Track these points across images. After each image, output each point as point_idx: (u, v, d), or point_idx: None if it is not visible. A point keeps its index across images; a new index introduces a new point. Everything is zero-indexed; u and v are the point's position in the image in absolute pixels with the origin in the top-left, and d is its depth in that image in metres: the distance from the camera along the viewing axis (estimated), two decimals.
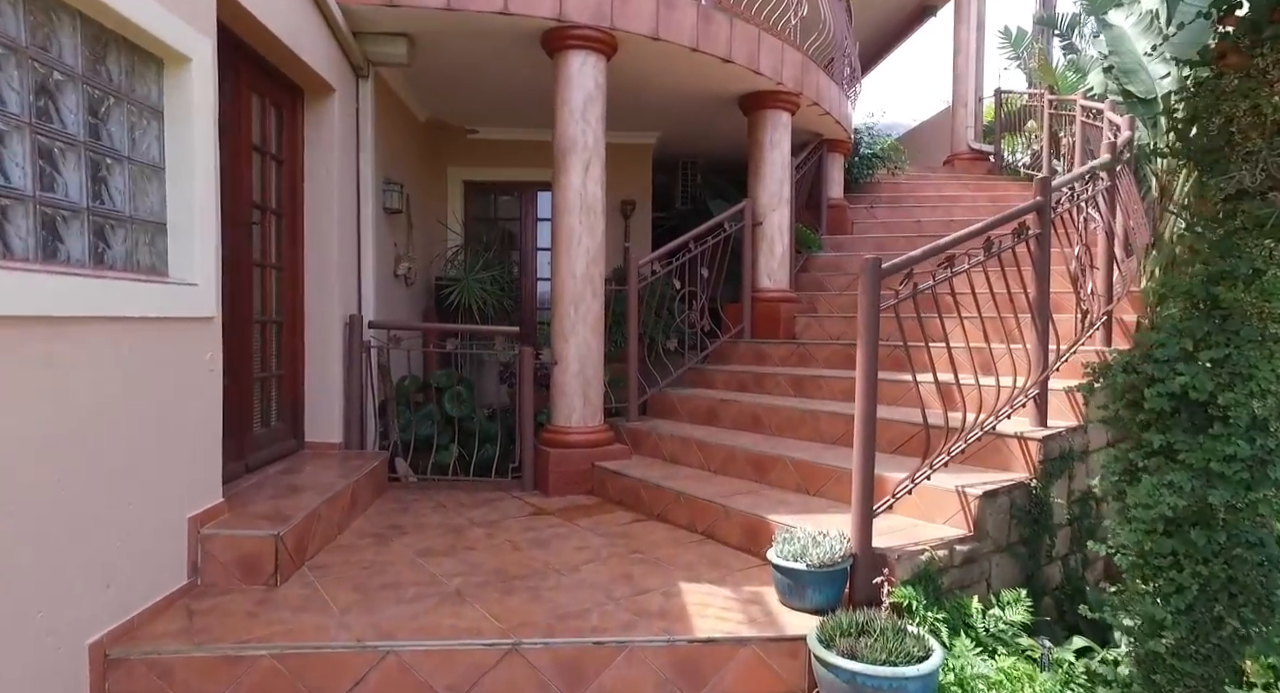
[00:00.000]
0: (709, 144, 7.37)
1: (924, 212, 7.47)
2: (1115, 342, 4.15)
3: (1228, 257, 2.14)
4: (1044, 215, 3.52)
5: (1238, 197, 2.17)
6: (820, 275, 6.34)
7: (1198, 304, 2.21)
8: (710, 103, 5.86)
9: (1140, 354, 2.27)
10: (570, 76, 4.39)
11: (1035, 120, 8.40)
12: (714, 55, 4.79)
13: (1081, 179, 3.92)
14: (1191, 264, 2.25)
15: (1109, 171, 4.11)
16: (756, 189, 5.72)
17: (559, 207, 4.47)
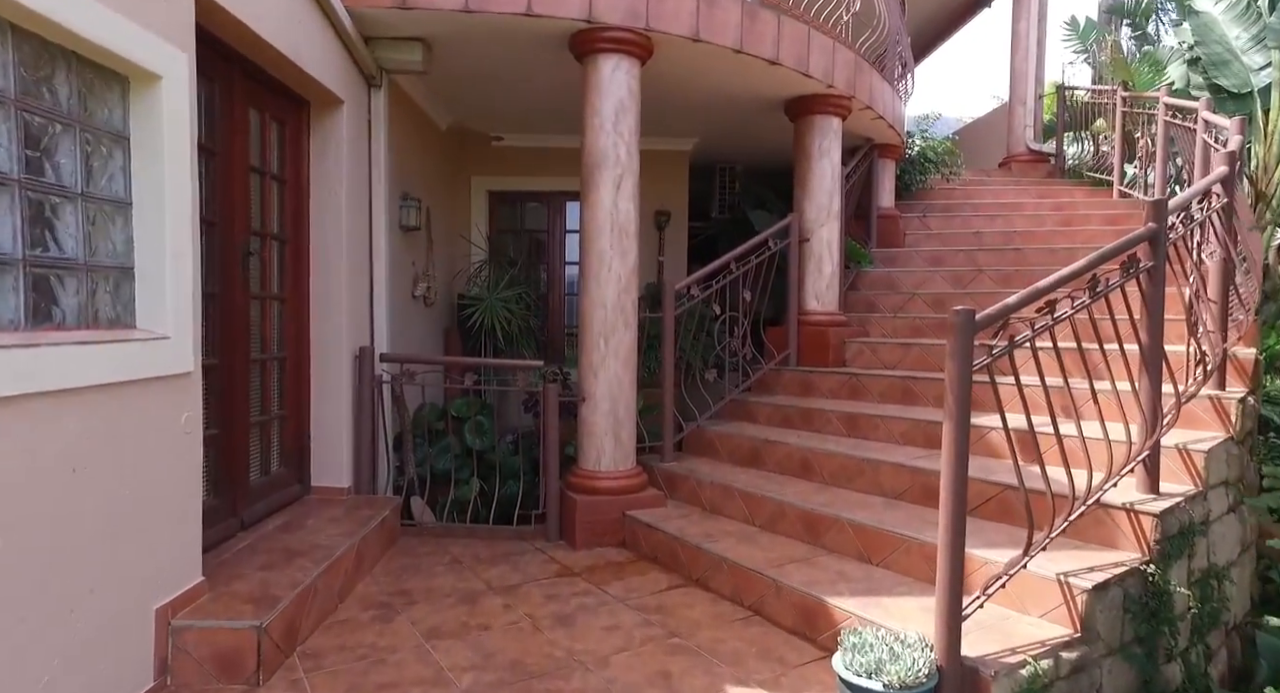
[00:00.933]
0: (749, 149, 6.88)
1: (981, 221, 6.89)
2: (1230, 383, 3.59)
3: None
4: (1159, 245, 2.99)
5: None
6: (871, 294, 5.82)
7: None
8: (752, 107, 5.38)
9: None
10: (600, 83, 3.95)
11: (1105, 119, 7.73)
12: (760, 57, 4.32)
13: (1199, 197, 3.36)
14: None
15: (1226, 186, 3.54)
16: (803, 202, 5.23)
17: (588, 228, 4.05)
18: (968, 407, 2.28)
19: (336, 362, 3.91)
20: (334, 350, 3.91)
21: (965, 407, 2.27)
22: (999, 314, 2.44)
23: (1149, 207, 3.02)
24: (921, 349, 4.84)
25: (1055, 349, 2.68)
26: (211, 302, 3.00)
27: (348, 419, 3.96)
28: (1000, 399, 2.48)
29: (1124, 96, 7.16)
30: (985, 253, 6.11)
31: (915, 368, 4.80)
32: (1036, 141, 8.87)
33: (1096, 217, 6.67)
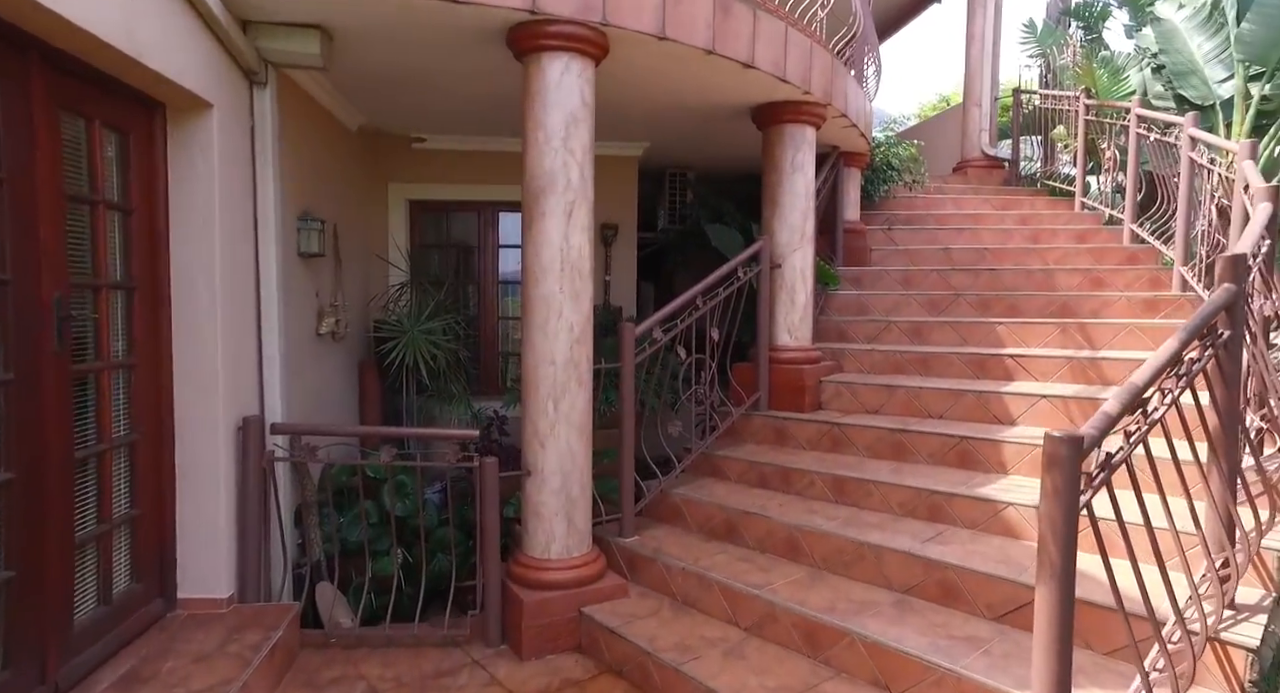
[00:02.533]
0: (704, 154, 6.23)
1: (948, 236, 6.45)
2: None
3: None
4: (1236, 311, 2.48)
5: None
6: (842, 321, 5.28)
7: None
8: (716, 112, 4.72)
9: None
10: (547, 90, 3.20)
11: (1065, 126, 7.44)
12: (734, 59, 3.65)
13: (1259, 242, 2.89)
14: None
15: (1273, 229, 3.10)
16: (774, 223, 4.62)
17: (532, 266, 3.31)
18: (1073, 566, 1.69)
19: (210, 439, 3.06)
20: (206, 425, 3.05)
21: (1070, 565, 1.68)
22: (1102, 430, 1.85)
23: (1224, 262, 2.51)
24: (907, 392, 4.32)
25: (1149, 458, 2.11)
26: (6, 389, 2.14)
27: (227, 510, 3.12)
28: (1100, 537, 1.89)
29: (1087, 104, 6.86)
30: (959, 273, 5.66)
31: (902, 414, 4.28)
32: (992, 146, 8.57)
33: (1064, 233, 6.33)
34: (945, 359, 4.59)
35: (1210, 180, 4.73)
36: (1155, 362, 2.09)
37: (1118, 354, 4.25)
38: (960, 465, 3.76)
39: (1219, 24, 6.55)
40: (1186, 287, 4.89)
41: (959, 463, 3.76)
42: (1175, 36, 6.69)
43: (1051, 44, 7.88)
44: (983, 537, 3.22)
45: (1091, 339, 4.56)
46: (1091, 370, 4.21)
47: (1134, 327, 4.49)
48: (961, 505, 3.36)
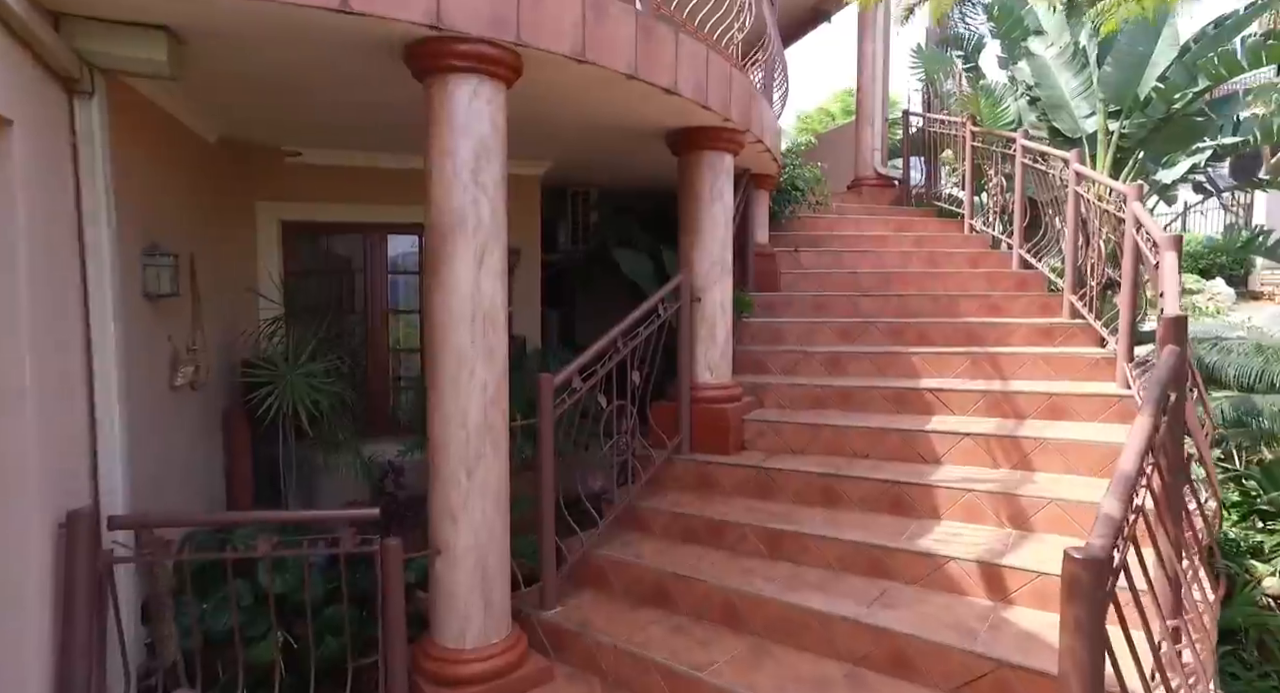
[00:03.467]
0: (611, 173, 5.93)
1: (853, 258, 6.49)
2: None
3: None
4: (1182, 373, 2.44)
5: None
6: (758, 351, 5.12)
7: None
8: (630, 135, 4.42)
9: None
10: (454, 115, 2.79)
11: (952, 150, 7.70)
12: (655, 84, 3.36)
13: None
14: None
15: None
16: (693, 254, 4.37)
17: (437, 318, 2.88)
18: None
19: (19, 544, 2.42)
20: (12, 525, 2.41)
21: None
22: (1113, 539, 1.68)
23: (1166, 324, 2.47)
24: (833, 431, 4.20)
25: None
26: None
27: (42, 633, 2.49)
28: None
29: (973, 131, 7.11)
30: (868, 299, 5.66)
31: (828, 454, 4.16)
32: (883, 165, 8.78)
33: (959, 256, 6.51)
34: (866, 393, 4.51)
35: (1097, 215, 4.92)
36: (1136, 445, 1.97)
37: (1027, 386, 4.32)
38: (893, 511, 3.65)
39: (1082, 63, 6.95)
40: (1076, 314, 5.08)
41: (891, 509, 3.66)
42: (1047, 72, 7.05)
43: (938, 71, 8.14)
44: (927, 595, 3.10)
45: (1001, 369, 4.63)
46: (1005, 404, 4.25)
47: (1038, 356, 4.59)
48: (902, 560, 3.24)
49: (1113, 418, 4.04)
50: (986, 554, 3.13)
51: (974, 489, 3.52)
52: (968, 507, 3.52)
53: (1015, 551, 3.17)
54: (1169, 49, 6.25)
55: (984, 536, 3.34)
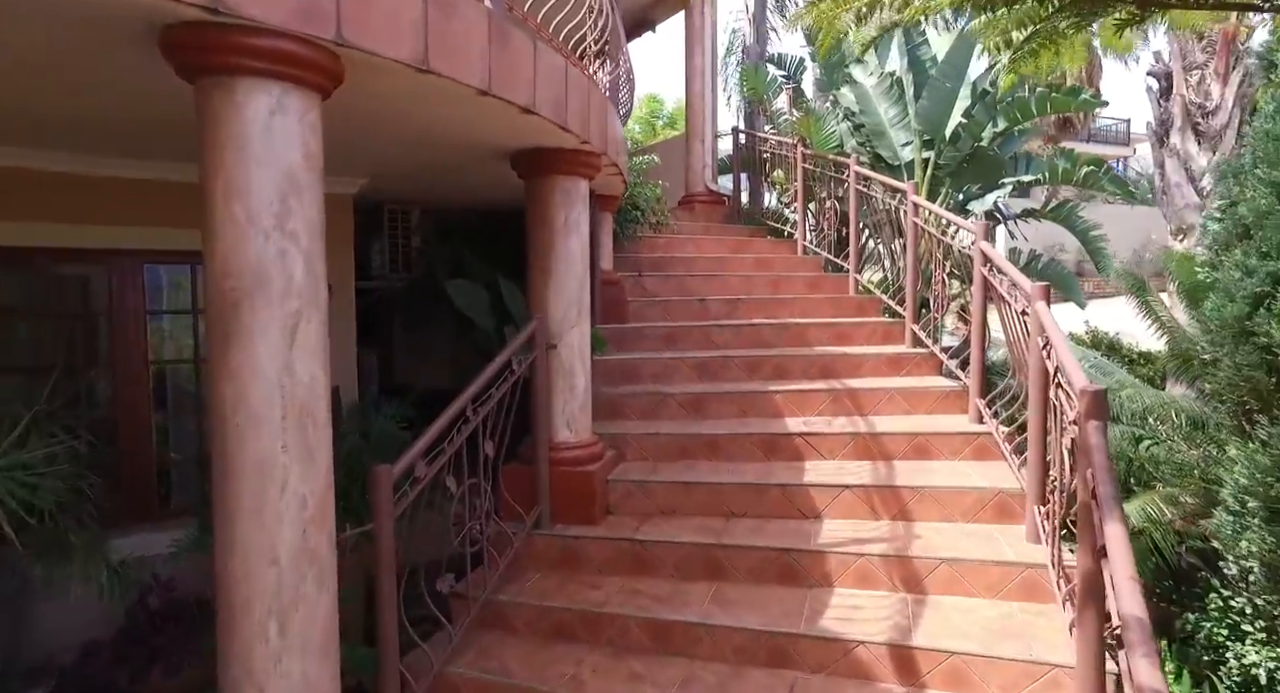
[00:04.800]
0: (435, 191, 5.15)
1: (698, 283, 6.23)
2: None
3: None
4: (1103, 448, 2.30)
5: None
6: (614, 394, 4.66)
7: None
8: (470, 154, 3.76)
9: None
10: (247, 138, 2.00)
11: (783, 170, 7.76)
12: (512, 102, 2.75)
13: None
14: None
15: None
16: (547, 295, 3.79)
17: (230, 418, 2.07)
18: None
19: None
20: None
21: None
22: None
23: (1088, 399, 2.32)
24: (707, 490, 3.85)
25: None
26: None
27: None
28: None
29: (805, 153, 7.18)
30: (720, 330, 5.41)
31: (704, 516, 3.79)
32: (714, 182, 8.71)
33: (798, 280, 6.49)
34: (735, 441, 4.22)
35: (940, 247, 5.03)
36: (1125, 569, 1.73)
37: (890, 424, 4.28)
38: (784, 582, 3.36)
39: (899, 94, 7.27)
40: (919, 342, 5.19)
41: (782, 579, 3.36)
42: (869, 100, 7.30)
43: (767, 90, 8.19)
44: (838, 686, 2.82)
45: (861, 405, 4.56)
46: (873, 445, 4.15)
47: (894, 391, 4.57)
48: (807, 647, 2.93)
49: (970, 456, 4.07)
50: (894, 633, 2.91)
51: (866, 553, 3.32)
52: (860, 573, 3.30)
53: (918, 623, 2.98)
54: (980, 84, 6.68)
55: (883, 606, 3.13)
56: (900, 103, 7.22)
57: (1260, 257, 3.05)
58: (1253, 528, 3.04)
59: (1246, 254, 3.08)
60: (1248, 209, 3.27)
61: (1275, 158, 3.08)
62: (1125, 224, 7.32)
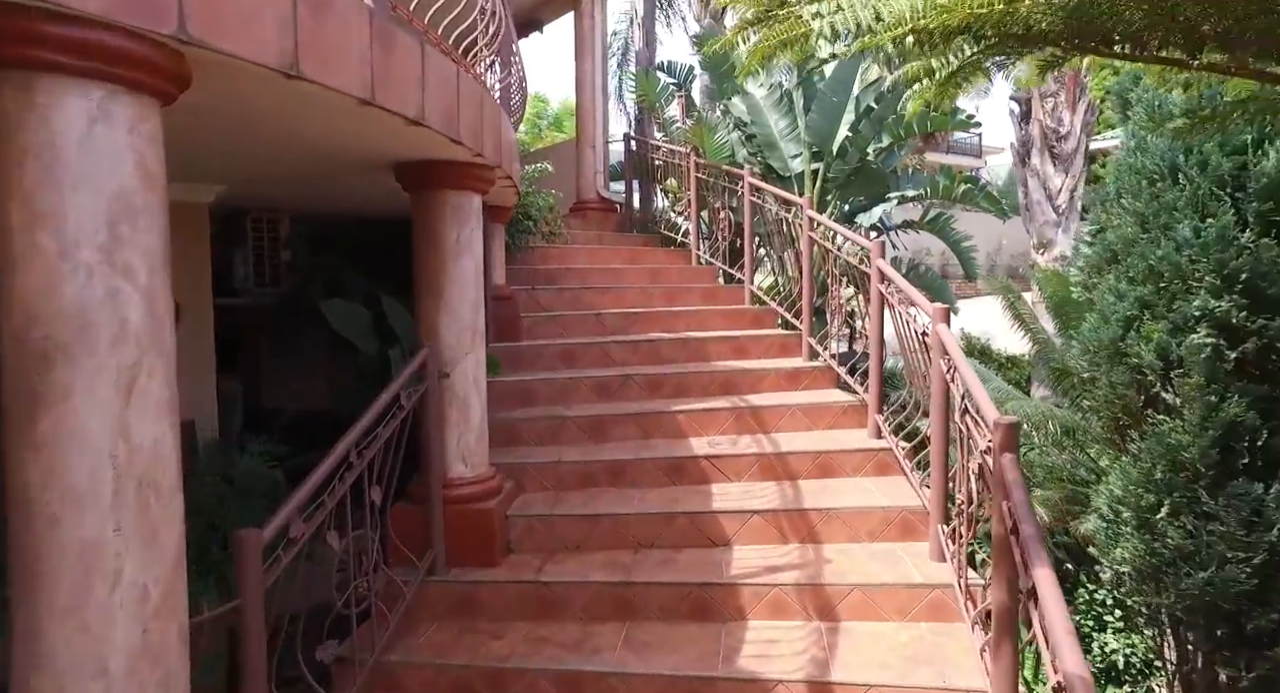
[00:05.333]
0: (310, 199, 4.67)
1: (593, 297, 6.04)
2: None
3: None
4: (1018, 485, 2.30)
5: None
6: (510, 419, 4.39)
7: None
8: (345, 165, 3.39)
9: None
10: (56, 149, 1.61)
11: (676, 179, 7.70)
12: (400, 114, 2.45)
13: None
14: None
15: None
16: (438, 320, 3.48)
17: (41, 490, 1.66)
18: None
19: None
20: None
21: None
22: None
23: (1002, 432, 2.32)
24: (612, 521, 3.67)
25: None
26: None
27: None
28: None
29: (698, 163, 7.15)
30: (619, 346, 5.26)
31: (611, 549, 3.61)
32: (606, 189, 8.54)
33: (694, 291, 6.44)
34: (639, 466, 4.06)
35: (834, 262, 5.09)
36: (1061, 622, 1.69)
37: (793, 441, 4.28)
38: (697, 618, 3.23)
39: (788, 106, 7.38)
40: (815, 355, 5.24)
41: (695, 615, 3.23)
42: (760, 111, 7.36)
43: (660, 98, 8.11)
44: None
45: (764, 423, 4.53)
46: (779, 465, 4.12)
47: (795, 408, 4.58)
48: (725, 691, 2.80)
49: (872, 471, 4.11)
50: (812, 668, 2.84)
51: (779, 582, 3.24)
52: (774, 603, 3.22)
53: (835, 654, 2.93)
54: (862, 101, 6.87)
55: (799, 638, 3.06)
56: (791, 115, 7.33)
57: (1129, 282, 3.22)
58: (1125, 536, 3.21)
59: (1119, 279, 3.25)
60: (1115, 236, 3.47)
61: (1137, 190, 3.28)
62: (977, 231, 7.82)
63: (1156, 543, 3.01)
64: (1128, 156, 3.38)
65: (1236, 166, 2.97)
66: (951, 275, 16.06)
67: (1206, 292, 2.88)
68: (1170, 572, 2.95)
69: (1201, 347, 2.87)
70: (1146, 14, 1.42)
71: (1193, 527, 2.92)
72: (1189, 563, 2.92)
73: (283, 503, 2.40)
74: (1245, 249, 2.86)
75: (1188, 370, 2.95)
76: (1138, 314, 3.15)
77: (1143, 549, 3.05)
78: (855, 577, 3.23)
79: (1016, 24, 1.48)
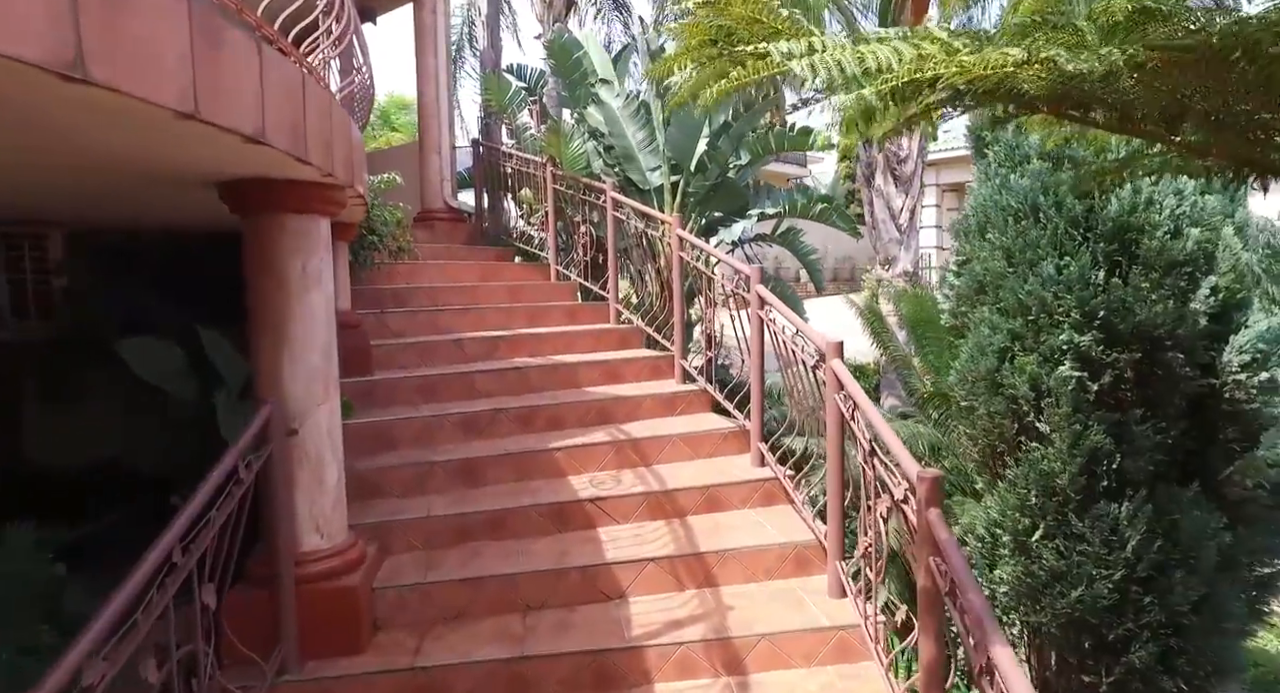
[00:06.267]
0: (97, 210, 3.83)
1: (451, 319, 5.56)
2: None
3: None
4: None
5: None
6: (369, 469, 3.85)
7: None
8: (154, 182, 2.75)
9: None
10: None
11: (531, 189, 7.33)
12: (236, 130, 1.95)
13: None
14: None
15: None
16: (280, 366, 2.92)
17: None
18: None
19: None
20: None
21: None
22: None
23: (926, 485, 2.25)
24: (498, 583, 3.30)
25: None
26: None
27: None
28: None
29: (556, 173, 6.83)
30: (483, 375, 4.84)
31: (499, 615, 3.24)
32: (454, 198, 7.97)
33: (557, 310, 6.12)
34: (520, 515, 3.71)
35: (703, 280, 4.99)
36: None
37: (679, 477, 4.09)
38: (601, 689, 2.94)
39: (646, 118, 7.25)
40: (688, 378, 5.13)
41: (598, 685, 2.95)
42: (617, 122, 7.17)
43: (513, 105, 7.67)
44: None
45: (645, 455, 4.34)
46: (667, 503, 3.93)
47: (676, 438, 4.41)
48: None
49: (759, 502, 4.03)
50: None
51: (684, 640, 3.04)
52: (681, 663, 3.01)
53: None
54: (715, 118, 6.88)
55: None
56: (649, 127, 7.19)
57: (1001, 314, 3.37)
58: (1004, 558, 3.34)
59: (992, 311, 3.39)
60: (981, 268, 3.62)
61: (1003, 225, 3.44)
62: (812, 239, 8.33)
63: (1034, 565, 3.16)
64: (994, 193, 3.54)
65: (1086, 209, 3.19)
66: (785, 278, 16.94)
67: (1070, 327, 3.05)
68: (1046, 592, 3.10)
69: (1068, 379, 3.03)
70: (1149, 92, 1.36)
71: (1064, 548, 3.09)
72: (1061, 582, 3.09)
73: (72, 642, 1.82)
74: (1099, 287, 3.07)
75: (1056, 400, 3.11)
76: (1009, 346, 3.28)
77: (1020, 571, 3.19)
78: (761, 625, 3.09)
79: (1007, 85, 1.37)
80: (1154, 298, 3.03)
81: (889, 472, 2.63)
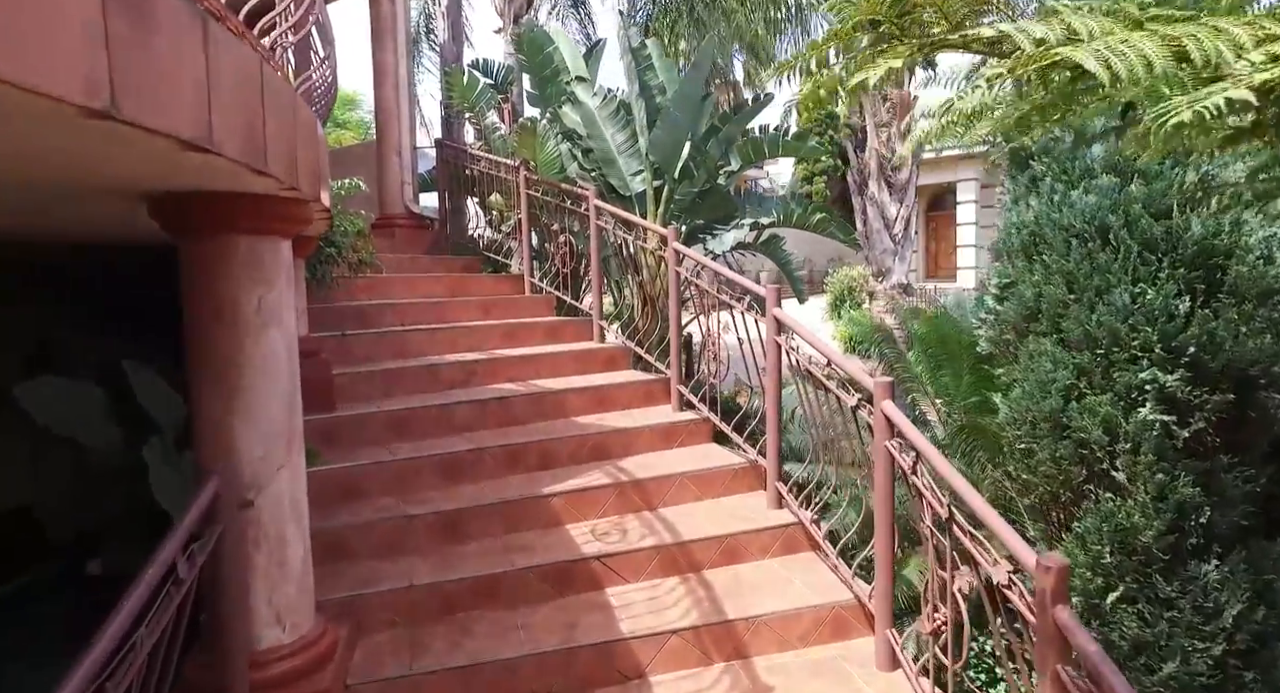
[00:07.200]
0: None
1: (419, 339, 4.99)
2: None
3: None
4: None
5: None
6: (335, 527, 3.29)
7: None
8: (59, 195, 2.16)
9: None
10: None
11: (501, 194, 6.77)
12: (164, 133, 1.42)
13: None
14: None
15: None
16: (231, 424, 2.36)
17: None
18: None
19: None
20: None
21: None
22: None
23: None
24: (497, 668, 2.78)
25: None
26: None
27: None
28: None
29: (530, 178, 6.31)
30: (462, 407, 4.30)
31: None
32: (415, 203, 7.36)
33: (537, 328, 5.60)
34: (515, 579, 3.21)
35: (708, 299, 4.56)
36: None
37: (692, 527, 3.63)
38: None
39: (627, 119, 6.78)
40: (687, 404, 4.68)
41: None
42: (595, 123, 6.68)
43: (480, 102, 7.10)
44: None
45: (649, 499, 3.88)
46: (680, 557, 3.48)
47: (681, 476, 3.97)
48: None
49: (780, 551, 3.61)
50: None
51: None
52: None
53: None
54: (705, 121, 6.45)
55: None
56: (630, 129, 6.72)
57: (1062, 347, 3.01)
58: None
59: (1053, 343, 3.03)
60: (1033, 294, 3.25)
61: (1064, 247, 3.08)
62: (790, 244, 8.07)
63: (1112, 633, 2.81)
64: (1051, 210, 3.18)
65: (1164, 230, 2.86)
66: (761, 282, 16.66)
67: (1153, 363, 2.71)
68: (1129, 665, 2.75)
69: (1152, 423, 2.69)
70: None
71: (1148, 614, 2.74)
72: (1147, 654, 2.74)
73: None
74: (1185, 319, 2.73)
75: (1136, 447, 2.77)
76: (1074, 382, 2.93)
77: (1096, 639, 2.83)
78: None
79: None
80: (1245, 331, 2.72)
81: (978, 546, 2.22)
